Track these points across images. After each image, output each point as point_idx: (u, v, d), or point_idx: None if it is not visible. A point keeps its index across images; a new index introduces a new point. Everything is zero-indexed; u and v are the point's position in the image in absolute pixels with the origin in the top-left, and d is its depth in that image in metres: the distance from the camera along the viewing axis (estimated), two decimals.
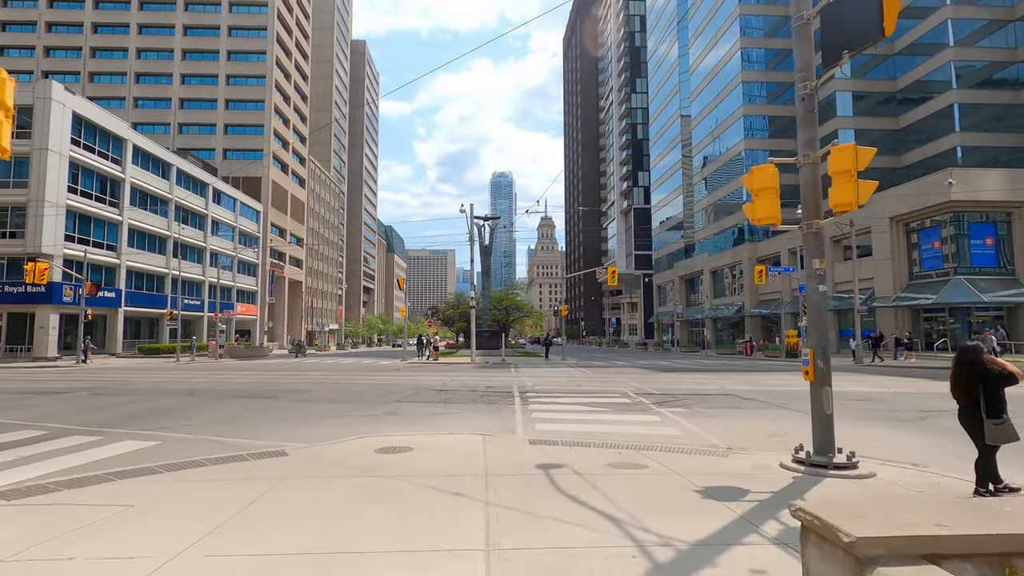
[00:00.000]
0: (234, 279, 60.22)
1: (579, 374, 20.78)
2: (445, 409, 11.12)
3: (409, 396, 13.29)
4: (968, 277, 31.51)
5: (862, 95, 50.96)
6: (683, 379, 18.13)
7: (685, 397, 12.74)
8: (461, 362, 29.63)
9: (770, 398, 12.58)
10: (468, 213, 30.13)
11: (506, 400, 12.40)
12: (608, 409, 10.95)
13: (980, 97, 44.18)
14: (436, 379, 18.25)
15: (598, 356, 41.88)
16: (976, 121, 44.21)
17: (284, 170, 76.20)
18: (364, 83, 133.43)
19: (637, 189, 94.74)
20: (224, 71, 70.05)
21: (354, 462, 6.06)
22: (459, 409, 11.09)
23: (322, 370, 24.13)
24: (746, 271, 53.21)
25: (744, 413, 10.42)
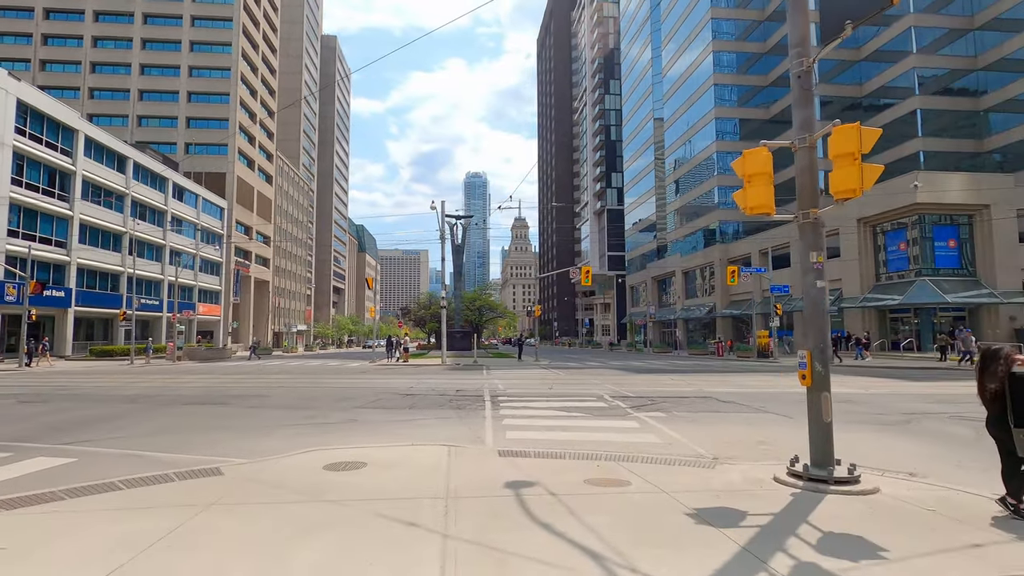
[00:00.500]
0: (196, 278, 57.96)
1: (552, 376, 20.19)
2: (410, 416, 10.35)
3: (372, 401, 12.45)
4: (932, 278, 32.12)
5: (828, 100, 51.85)
6: (659, 381, 17.69)
7: (663, 400, 12.23)
8: (431, 364, 28.76)
9: (749, 400, 12.17)
10: (439, 211, 29.29)
11: (476, 405, 11.69)
12: (583, 414, 10.34)
13: (941, 103, 45.38)
14: (403, 382, 17.41)
15: (571, 357, 41.46)
16: (937, 127, 45.42)
17: (250, 166, 73.87)
18: (335, 79, 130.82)
19: (610, 190, 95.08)
20: (187, 62, 67.48)
21: (297, 482, 5.27)
22: (425, 416, 10.32)
23: (284, 373, 22.99)
24: (717, 272, 53.62)
25: (725, 417, 9.94)
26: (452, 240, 42.64)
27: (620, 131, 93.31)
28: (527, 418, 9.97)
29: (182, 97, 67.27)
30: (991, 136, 44.25)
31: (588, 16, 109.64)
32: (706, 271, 57.35)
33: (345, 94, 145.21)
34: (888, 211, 33.93)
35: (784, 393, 13.79)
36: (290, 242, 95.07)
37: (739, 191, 6.08)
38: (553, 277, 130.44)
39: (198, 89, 68.02)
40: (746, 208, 5.88)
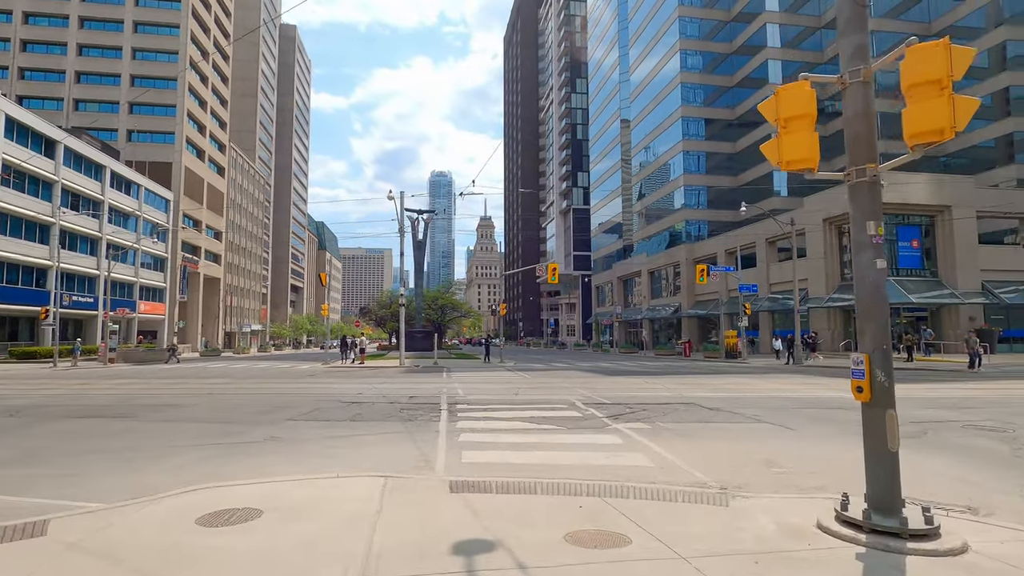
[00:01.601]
0: (136, 274, 54.13)
1: (518, 379, 18.70)
2: (349, 431, 8.65)
3: (310, 412, 10.67)
4: (896, 279, 32.14)
5: None
6: (633, 384, 16.43)
7: (642, 408, 10.88)
8: (389, 366, 26.88)
9: (736, 407, 10.95)
10: (398, 202, 27.41)
11: (430, 415, 10.07)
12: (555, 426, 8.86)
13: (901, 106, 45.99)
14: (352, 387, 15.60)
15: (537, 358, 40.13)
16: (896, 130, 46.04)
17: (200, 156, 69.82)
18: (294, 69, 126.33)
19: (576, 189, 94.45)
20: (129, 44, 63.18)
21: (145, 550, 3.58)
22: (367, 431, 8.65)
23: (221, 377, 20.77)
24: (683, 272, 53.31)
25: (718, 430, 8.63)
26: (413, 235, 40.72)
27: (587, 130, 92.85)
28: (489, 432, 8.42)
29: (124, 81, 62.92)
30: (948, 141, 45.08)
31: (555, 14, 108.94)
32: (672, 271, 57.04)
33: (305, 86, 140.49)
34: None
35: (770, 398, 12.68)
36: (244, 238, 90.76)
37: (769, 141, 4.70)
38: (518, 277, 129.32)
39: (142, 73, 63.76)
40: (780, 162, 4.51)
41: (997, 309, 32.27)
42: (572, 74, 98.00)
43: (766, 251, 42.97)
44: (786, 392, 13.98)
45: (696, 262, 52.32)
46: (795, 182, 50.20)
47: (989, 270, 32.46)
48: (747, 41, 55.15)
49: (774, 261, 43.07)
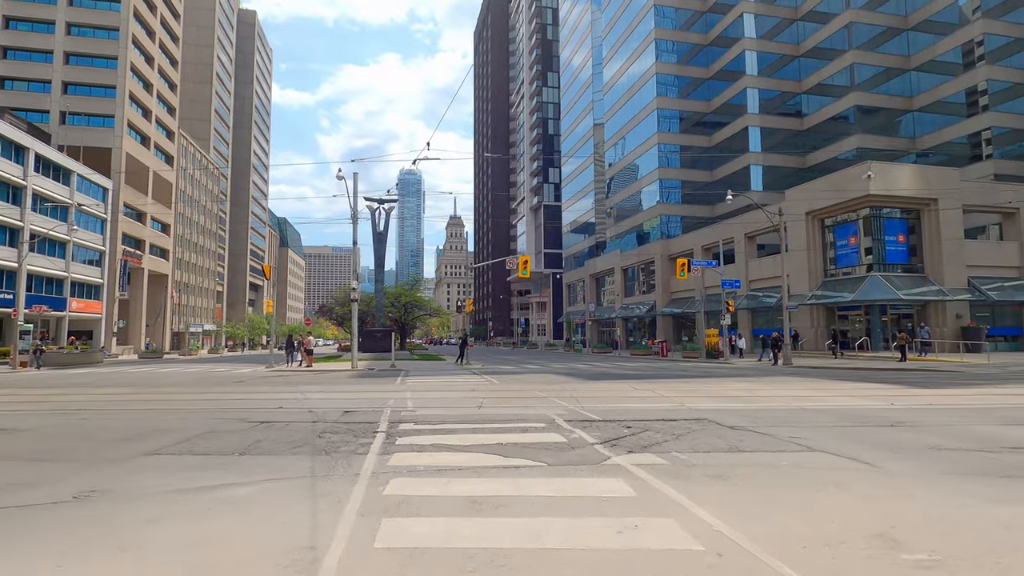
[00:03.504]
0: (67, 268, 49.25)
1: (484, 385, 15.99)
2: (223, 475, 5.78)
3: (191, 439, 7.74)
4: (883, 274, 30.71)
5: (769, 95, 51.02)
6: (620, 391, 13.93)
7: (644, 427, 8.31)
8: (338, 369, 23.81)
9: (763, 424, 8.51)
10: (351, 187, 24.30)
11: (358, 443, 7.28)
12: (532, 461, 6.20)
13: (877, 101, 45.24)
14: (277, 399, 12.64)
15: (507, 358, 37.51)
16: (872, 125, 45.26)
17: (145, 143, 64.77)
18: (254, 58, 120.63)
19: (548, 185, 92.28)
20: (63, 17, 57.95)
21: None
22: (251, 475, 5.81)
23: (122, 386, 17.44)
24: (659, 269, 51.51)
25: (763, 467, 6.10)
26: (373, 226, 37.52)
27: (558, 125, 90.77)
28: (434, 474, 5.69)
29: (58, 58, 57.62)
30: (923, 136, 44.49)
31: (527, 6, 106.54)
32: (647, 268, 55.20)
33: (266, 75, 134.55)
34: (839, 203, 32.33)
35: (792, 410, 10.31)
36: (197, 232, 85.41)
37: None
38: (488, 276, 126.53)
39: (78, 50, 58.59)
40: None
41: (983, 306, 31.17)
42: (544, 67, 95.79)
43: (745, 247, 41.36)
44: (805, 401, 11.67)
45: (672, 258, 50.61)
46: (772, 177, 48.92)
47: (975, 266, 31.35)
48: (723, 32, 53.75)
49: (753, 257, 41.51)
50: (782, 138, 50.44)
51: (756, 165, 49.69)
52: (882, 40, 45.70)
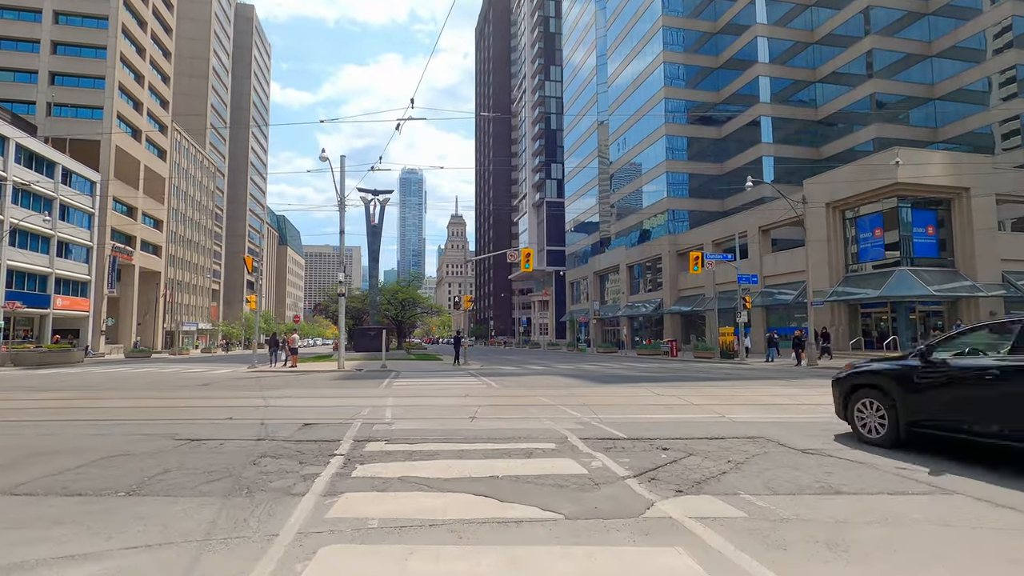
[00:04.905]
0: (52, 264, 47.38)
1: (481, 389, 14.00)
2: (68, 540, 3.80)
3: (87, 464, 5.79)
4: (912, 268, 28.64)
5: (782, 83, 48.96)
6: (639, 396, 11.94)
7: (687, 449, 6.33)
8: (323, 370, 21.85)
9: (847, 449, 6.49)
10: (337, 172, 22.31)
11: (301, 473, 5.32)
12: (540, 512, 4.22)
13: (896, 89, 43.18)
14: (230, 407, 10.67)
15: (508, 358, 35.54)
16: (891, 114, 43.22)
17: (136, 136, 62.84)
18: (251, 52, 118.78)
19: (550, 181, 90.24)
20: (50, 6, 56.06)
21: None
22: (119, 535, 3.87)
23: (68, 391, 15.50)
24: (666, 265, 49.47)
25: (887, 519, 4.15)
26: (368, 219, 35.56)
27: (560, 120, 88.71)
28: (393, 536, 3.73)
29: (44, 47, 55.73)
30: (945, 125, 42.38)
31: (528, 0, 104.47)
32: (655, 265, 53.15)
33: (264, 71, 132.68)
34: (863, 193, 30.25)
35: None
36: (192, 229, 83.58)
37: None
38: (490, 275, 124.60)
39: (66, 39, 56.69)
40: None
41: (1018, 302, 29.04)
42: (546, 61, 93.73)
43: (759, 241, 39.28)
44: None
45: (680, 254, 48.60)
46: (785, 169, 46.83)
47: (1010, 260, 29.24)
48: (733, 19, 51.68)
49: (767, 252, 39.45)
50: (795, 129, 48.37)
51: (768, 156, 47.59)
52: (901, 25, 43.59)
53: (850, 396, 6.89)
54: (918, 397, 6.06)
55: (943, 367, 5.94)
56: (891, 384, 6.33)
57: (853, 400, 6.84)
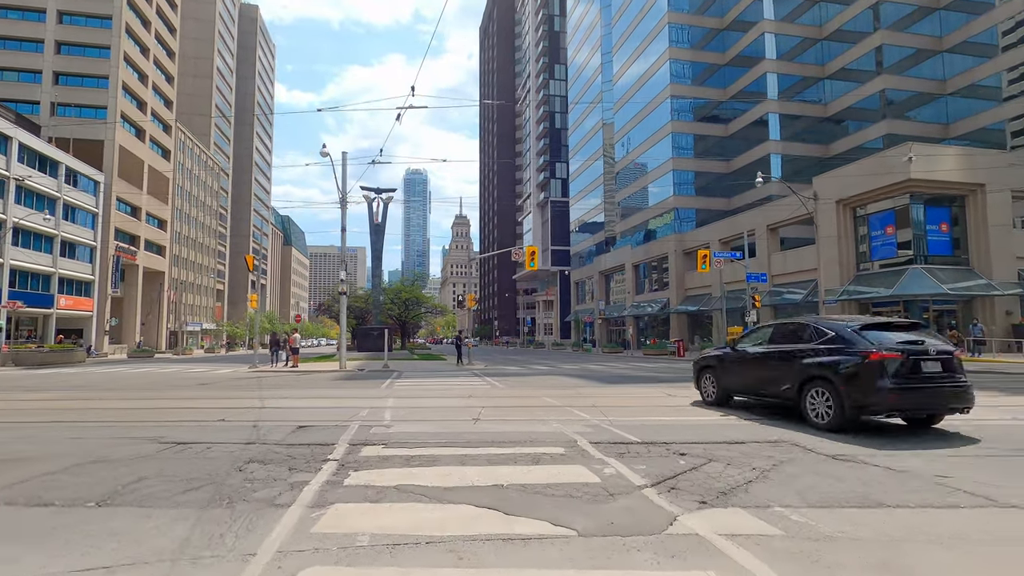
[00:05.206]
0: (55, 264, 47.27)
1: (485, 389, 13.57)
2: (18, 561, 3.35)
3: (60, 470, 5.41)
4: (925, 267, 28.01)
5: None
6: (649, 397, 11.50)
7: (706, 454, 5.89)
8: (324, 370, 21.47)
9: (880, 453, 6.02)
10: (340, 167, 21.92)
11: (289, 481, 4.91)
12: (551, 528, 3.80)
13: (907, 84, 42.50)
14: (223, 408, 10.27)
15: (512, 358, 35.09)
16: (901, 110, 42.56)
17: (140, 136, 62.79)
18: (256, 54, 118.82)
19: (554, 181, 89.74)
20: (54, 5, 56.04)
21: None
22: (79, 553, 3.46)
23: (59, 391, 15.16)
24: (673, 264, 48.90)
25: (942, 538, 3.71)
26: (371, 218, 35.19)
27: (565, 119, 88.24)
28: (385, 557, 3.30)
29: (48, 47, 55.72)
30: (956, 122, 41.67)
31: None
32: (661, 264, 52.58)
33: (268, 72, 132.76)
34: (875, 189, 29.62)
35: None
36: (196, 229, 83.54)
37: None
38: (494, 275, 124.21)
39: (70, 39, 56.66)
40: None
41: None
42: (550, 59, 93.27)
43: (767, 239, 38.69)
44: None
45: (686, 253, 48.05)
46: (794, 166, 46.20)
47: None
48: (740, 15, 51.08)
49: (776, 251, 38.84)
50: (804, 126, 47.72)
51: (776, 154, 46.95)
52: (912, 20, 42.90)
53: (699, 374, 10.47)
54: (727, 373, 9.56)
55: (736, 353, 9.36)
56: (716, 364, 9.92)
57: (701, 376, 10.38)
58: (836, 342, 7.60)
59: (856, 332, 7.52)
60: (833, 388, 7.26)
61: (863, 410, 7.03)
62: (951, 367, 7.30)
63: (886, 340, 7.30)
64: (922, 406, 7.18)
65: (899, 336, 7.45)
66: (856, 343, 7.34)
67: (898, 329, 7.70)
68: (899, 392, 6.82)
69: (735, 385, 9.34)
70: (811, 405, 7.57)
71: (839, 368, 7.25)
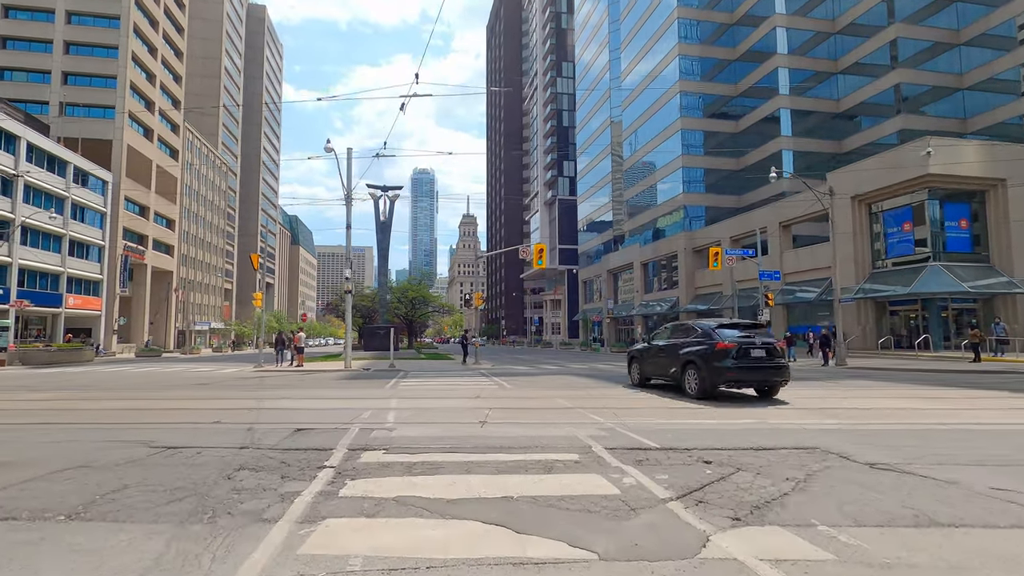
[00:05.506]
0: (63, 263, 47.38)
1: (493, 390, 13.15)
2: None
3: (39, 477, 5.08)
4: (944, 264, 27.30)
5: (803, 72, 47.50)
6: (662, 398, 10.99)
7: (732, 462, 5.45)
8: (329, 369, 21.15)
9: (919, 462, 5.56)
10: (344, 161, 21.59)
11: (280, 491, 4.55)
12: (568, 551, 3.39)
13: (922, 79, 41.63)
14: (220, 409, 9.93)
15: (520, 358, 34.67)
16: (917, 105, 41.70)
17: (148, 136, 62.94)
18: (263, 53, 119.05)
19: (562, 179, 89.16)
20: (63, 6, 56.21)
21: None
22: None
23: (57, 391, 14.91)
24: (682, 262, 48.28)
25: (1009, 561, 3.17)
26: (377, 215, 34.86)
27: (573, 117, 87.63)
28: None
29: (57, 47, 55.88)
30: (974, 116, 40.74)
31: None
32: (670, 262, 51.96)
33: (276, 72, 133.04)
34: (891, 185, 28.94)
35: (927, 430, 7.32)
36: (204, 229, 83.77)
37: None
38: (501, 274, 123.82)
39: (78, 39, 56.82)
40: None
41: None
42: (558, 57, 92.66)
43: (779, 237, 38.03)
44: (920, 416, 8.66)
45: (696, 251, 47.44)
46: (806, 163, 45.42)
47: None
48: (750, 10, 50.33)
49: (788, 248, 38.18)
50: (816, 122, 46.91)
51: (787, 151, 46.20)
52: (928, 13, 41.99)
53: (629, 363, 13.88)
54: (644, 362, 12.74)
55: (651, 347, 12.58)
56: (638, 355, 13.20)
57: (630, 365, 13.71)
58: (702, 337, 10.66)
59: (713, 330, 10.61)
60: (698, 368, 10.37)
61: (716, 382, 10.13)
62: (773, 353, 10.29)
63: (729, 335, 10.37)
64: (752, 379, 10.29)
65: (739, 333, 10.50)
66: (713, 337, 10.38)
67: (741, 328, 10.79)
68: (736, 370, 9.98)
69: (649, 371, 12.64)
70: (687, 381, 10.75)
71: (702, 354, 10.35)
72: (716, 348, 10.05)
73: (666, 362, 11.56)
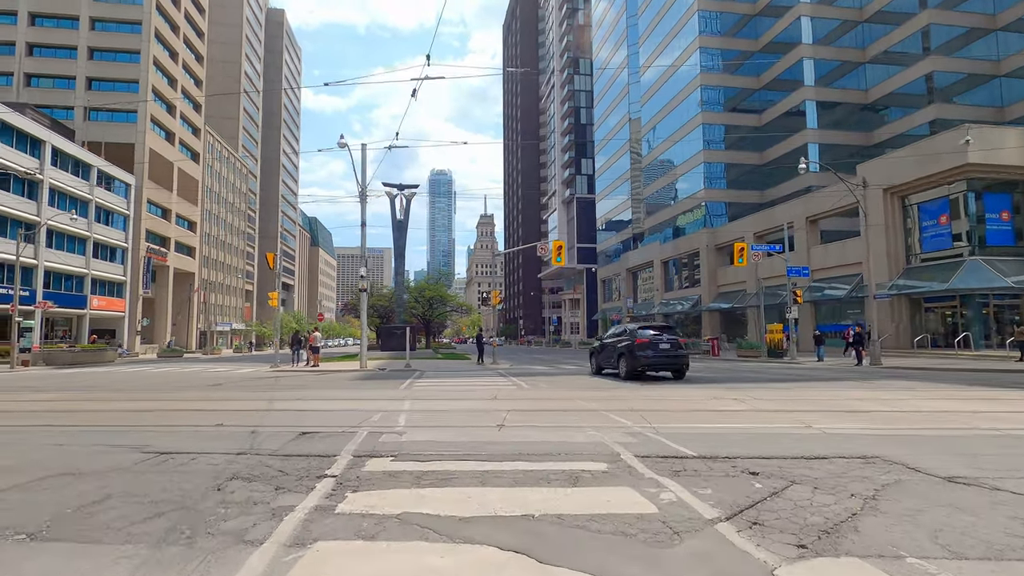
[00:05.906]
0: (88, 265, 48.09)
1: (510, 391, 12.57)
2: None
3: (13, 487, 4.57)
4: (983, 257, 25.97)
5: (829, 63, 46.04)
6: (694, 400, 10.34)
7: (782, 474, 4.83)
8: (344, 369, 20.80)
9: (997, 475, 4.82)
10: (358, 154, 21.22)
11: (272, 506, 4.04)
12: None
13: (956, 66, 39.98)
14: (224, 411, 9.53)
15: (539, 357, 34.04)
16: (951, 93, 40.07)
17: (170, 139, 63.77)
18: (282, 56, 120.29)
19: (580, 177, 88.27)
20: (87, 12, 57.17)
21: None
22: None
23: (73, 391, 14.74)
24: (704, 260, 47.18)
25: None
26: (393, 214, 34.56)
27: (591, 114, 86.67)
28: None
29: (82, 53, 56.86)
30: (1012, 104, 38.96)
31: None
32: (689, 261, 50.85)
33: (295, 75, 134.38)
34: (927, 176, 27.66)
35: (990, 435, 6.55)
36: (225, 231, 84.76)
37: None
38: (519, 273, 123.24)
39: (102, 45, 57.78)
40: None
41: None
42: (575, 54, 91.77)
43: (807, 232, 36.81)
44: (972, 419, 7.85)
45: (719, 248, 46.33)
46: (833, 156, 43.97)
47: None
48: (773, 1, 48.99)
49: (815, 244, 36.93)
50: (843, 113, 45.44)
51: (813, 143, 44.81)
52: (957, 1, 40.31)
53: (590, 356, 18.21)
54: (599, 355, 17.05)
55: (603, 343, 17.01)
56: (595, 350, 17.60)
57: (590, 357, 17.92)
58: (629, 336, 15.05)
59: (635, 330, 15.09)
60: (625, 357, 14.79)
61: (636, 367, 14.41)
62: (677, 346, 14.80)
63: (645, 333, 14.86)
64: (661, 365, 14.60)
65: (653, 332, 14.92)
66: (634, 335, 14.83)
67: (655, 328, 15.29)
68: (649, 358, 14.34)
69: (602, 362, 16.77)
70: (620, 367, 15.11)
71: (627, 348, 14.74)
72: (636, 343, 14.40)
73: (611, 354, 15.74)
